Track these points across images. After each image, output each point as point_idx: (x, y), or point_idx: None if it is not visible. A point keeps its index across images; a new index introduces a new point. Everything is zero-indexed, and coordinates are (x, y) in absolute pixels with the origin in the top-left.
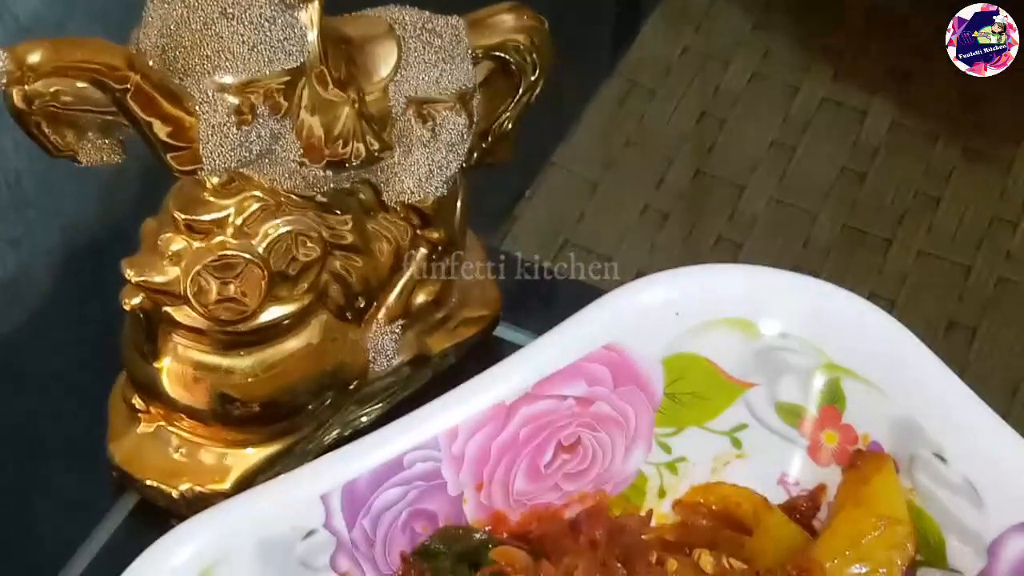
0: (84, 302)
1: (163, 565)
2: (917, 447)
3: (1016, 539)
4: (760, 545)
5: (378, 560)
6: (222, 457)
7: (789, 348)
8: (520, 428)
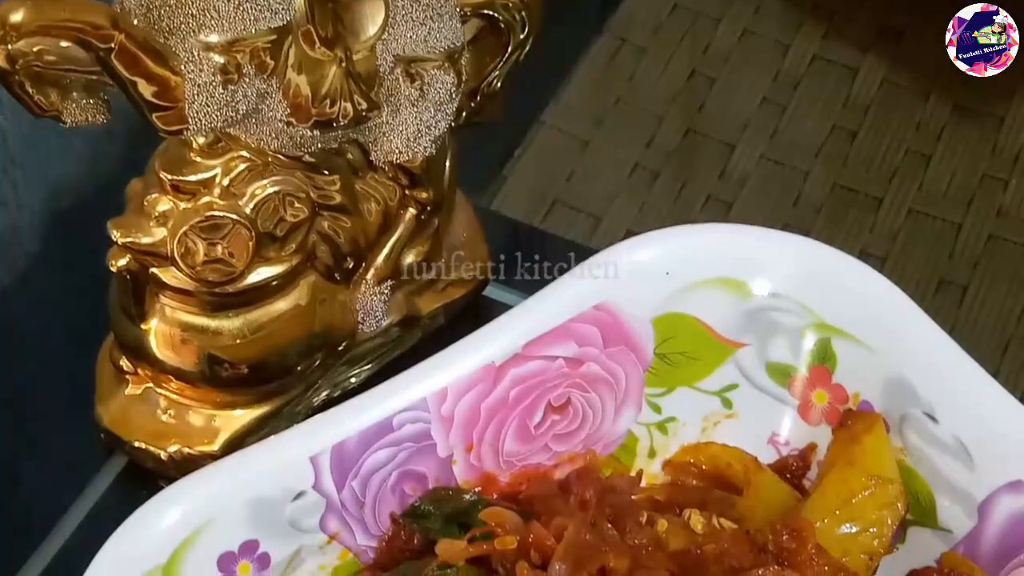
0: (72, 263)
1: (152, 527)
2: (908, 406)
3: (1006, 499)
4: (750, 505)
5: (367, 521)
6: (211, 419)
7: (779, 308)
8: (510, 389)
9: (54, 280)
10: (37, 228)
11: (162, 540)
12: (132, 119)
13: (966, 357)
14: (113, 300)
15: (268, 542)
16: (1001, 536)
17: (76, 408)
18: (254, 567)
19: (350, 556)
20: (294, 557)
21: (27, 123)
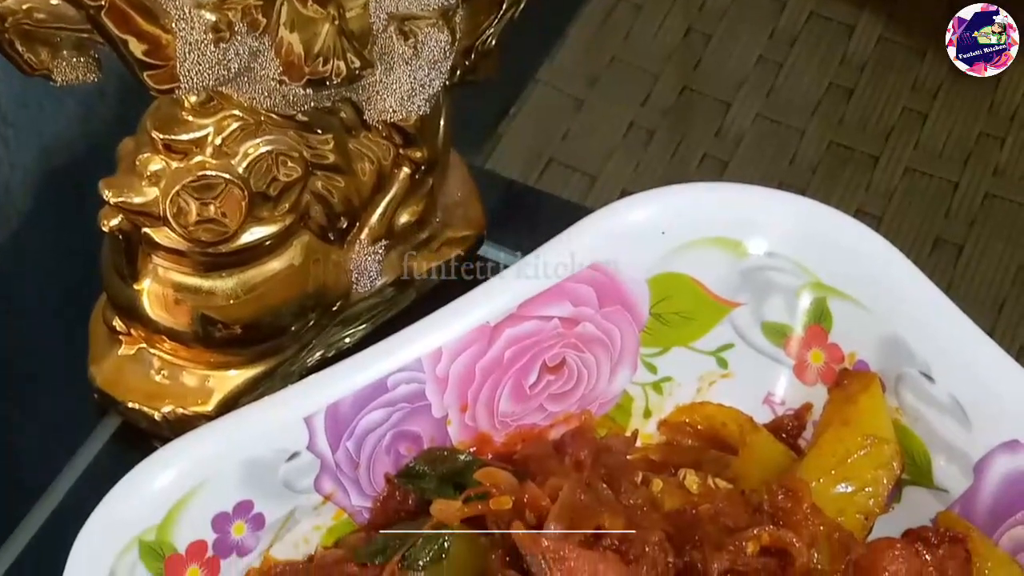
0: (64, 222)
1: (145, 489)
2: (904, 365)
3: (1002, 458)
4: (745, 465)
5: (362, 482)
6: (204, 379)
7: (775, 267)
8: (505, 349)
9: (46, 240)
10: (29, 187)
11: (156, 501)
12: (124, 77)
13: (962, 316)
14: (106, 260)
15: (262, 503)
16: (997, 495)
17: (69, 369)
18: (248, 528)
19: (345, 517)
20: (288, 518)
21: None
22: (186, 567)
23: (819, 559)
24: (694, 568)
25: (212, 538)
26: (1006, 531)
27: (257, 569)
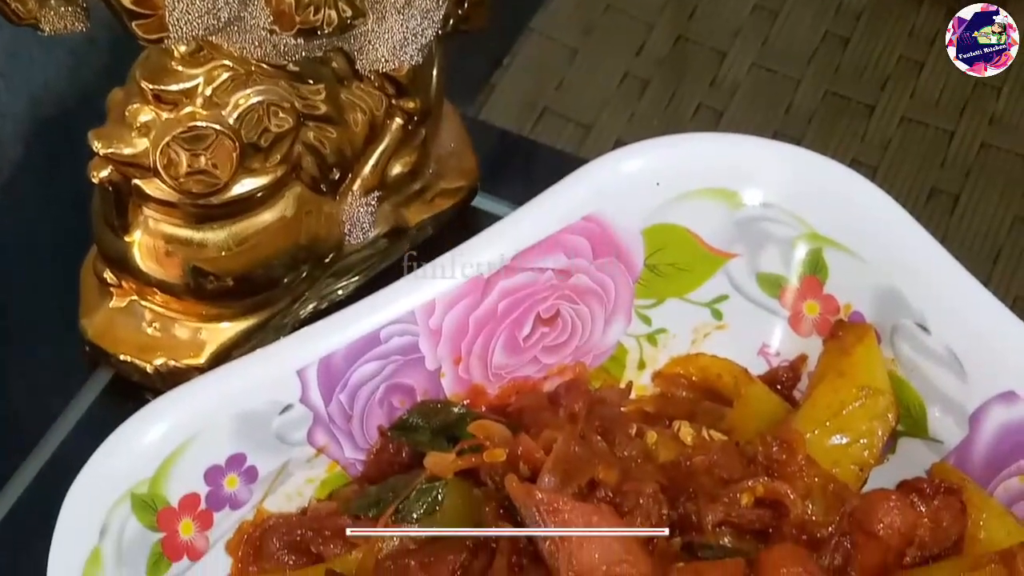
0: (55, 173)
1: (137, 441)
2: (899, 317)
3: (998, 409)
4: (740, 416)
5: (355, 434)
6: (196, 332)
7: (771, 218)
8: (498, 301)
9: (37, 190)
10: (20, 138)
11: (148, 454)
12: (115, 27)
13: (958, 267)
14: (96, 212)
15: (255, 456)
16: (992, 447)
17: (61, 321)
18: (241, 480)
19: (338, 469)
20: (281, 470)
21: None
22: (179, 520)
23: (813, 511)
24: (688, 520)
25: (205, 491)
26: (1001, 482)
27: (250, 522)
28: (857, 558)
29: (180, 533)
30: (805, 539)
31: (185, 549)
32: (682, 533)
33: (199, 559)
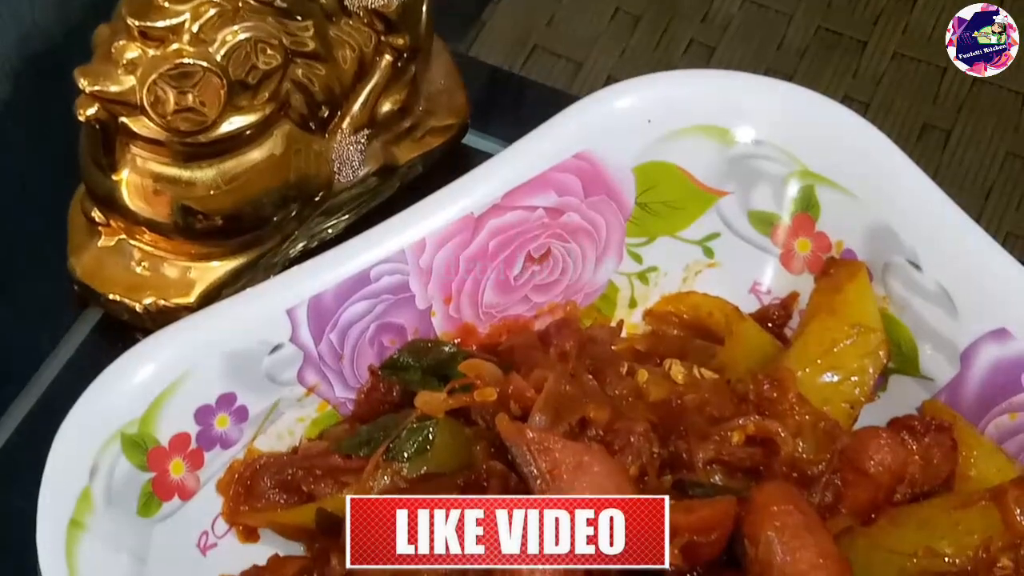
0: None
1: (127, 381)
2: (891, 254)
3: (989, 346)
4: (731, 354)
5: (346, 374)
6: (186, 271)
7: (763, 155)
8: (489, 240)
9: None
10: (7, 75)
11: (137, 394)
12: None
13: (951, 204)
14: (83, 150)
15: (245, 395)
16: (983, 384)
17: (49, 260)
18: (232, 420)
19: (329, 408)
20: (272, 410)
21: None
22: (169, 459)
23: (804, 448)
24: (679, 458)
25: (195, 430)
26: (992, 420)
27: (241, 461)
28: (847, 495)
29: (171, 473)
30: (796, 477)
31: (176, 488)
32: (673, 471)
33: (190, 498)
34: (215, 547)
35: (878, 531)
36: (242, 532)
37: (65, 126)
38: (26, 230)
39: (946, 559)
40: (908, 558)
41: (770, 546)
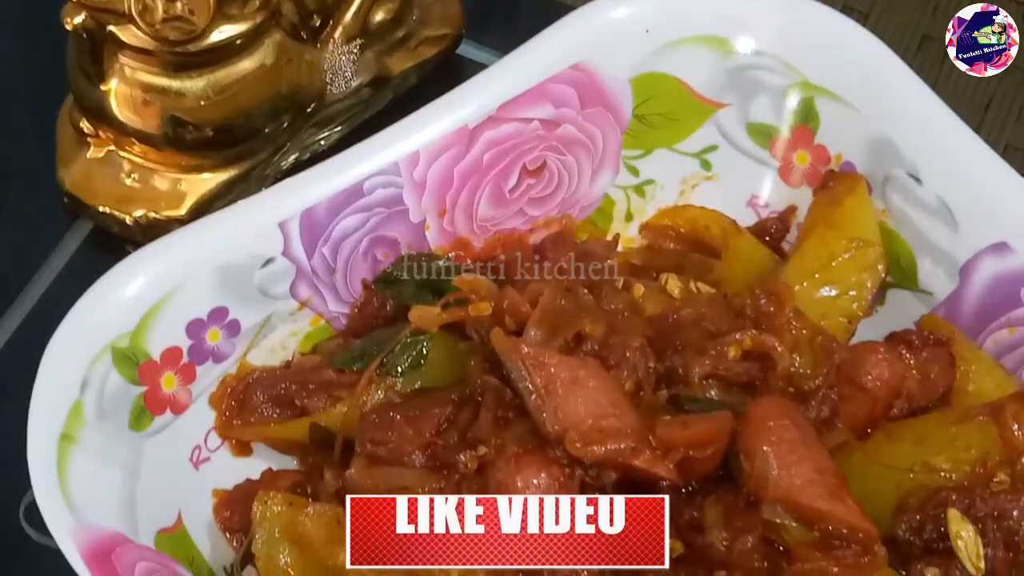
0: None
1: (117, 295)
2: (891, 167)
3: (989, 260)
4: (728, 268)
5: (339, 288)
6: (176, 183)
7: (762, 66)
8: (484, 152)
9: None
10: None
11: (128, 308)
12: None
13: (952, 116)
14: (71, 60)
15: (237, 309)
16: (982, 298)
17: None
18: (224, 334)
19: (322, 323)
20: (264, 324)
21: None
22: (161, 373)
23: (801, 363)
24: (675, 373)
25: (187, 344)
26: (990, 334)
27: (234, 375)
28: (844, 410)
29: (162, 387)
30: (792, 392)
31: (168, 402)
32: (668, 386)
33: (182, 412)
34: (208, 461)
35: (874, 446)
36: (235, 446)
37: (53, 36)
38: (13, 141)
39: (943, 474)
40: (904, 473)
41: (766, 461)
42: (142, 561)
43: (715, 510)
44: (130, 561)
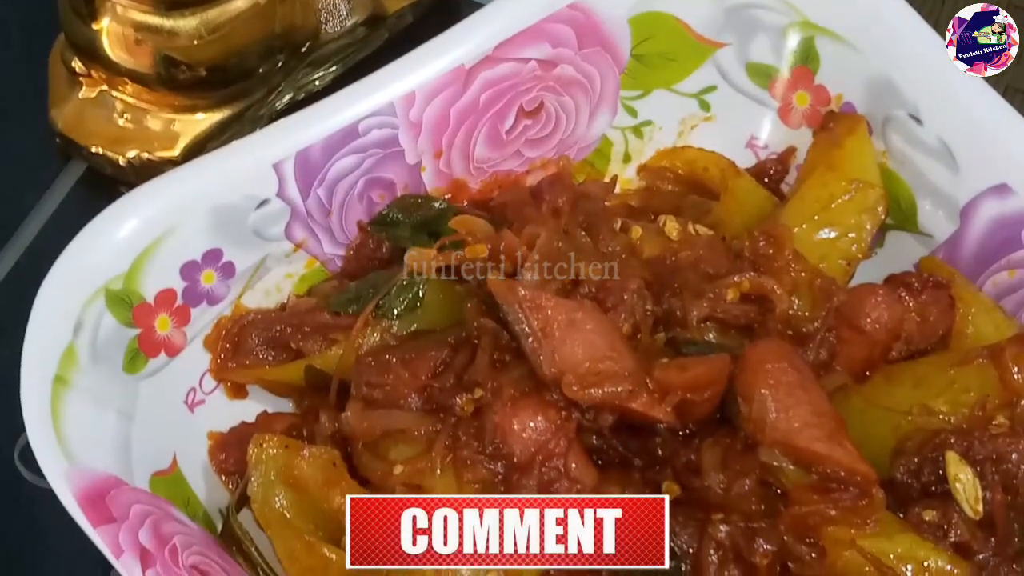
0: None
1: (110, 236)
2: (892, 107)
3: (989, 202)
4: (727, 210)
5: (334, 230)
6: (170, 123)
7: (762, 5)
8: (480, 93)
9: None
10: None
11: (122, 250)
12: None
13: None
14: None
15: (232, 251)
16: (983, 240)
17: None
18: (218, 276)
19: (317, 265)
20: (259, 266)
21: None
22: (155, 316)
23: (799, 306)
24: (673, 315)
25: (181, 286)
26: (990, 276)
27: (228, 317)
28: (842, 353)
29: (157, 329)
30: (790, 334)
31: (162, 345)
32: (666, 329)
33: (177, 355)
34: (203, 404)
35: (873, 389)
36: (230, 389)
37: None
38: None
39: (941, 417)
40: (903, 416)
41: (763, 404)
42: (137, 504)
43: (712, 453)
44: (125, 504)
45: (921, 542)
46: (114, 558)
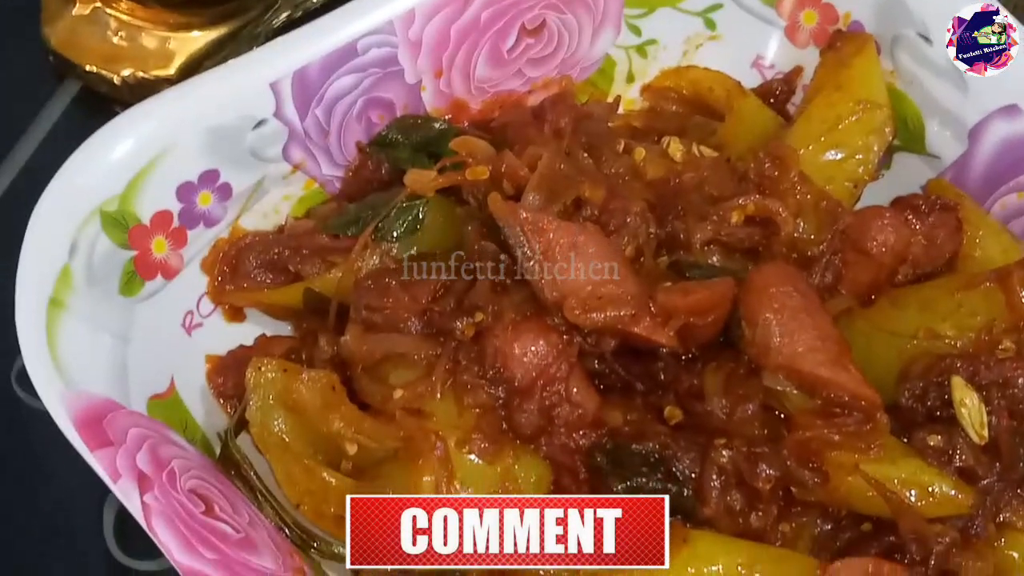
0: None
1: (105, 157)
2: (901, 26)
3: (998, 123)
4: (732, 131)
5: (332, 150)
6: (165, 41)
7: None
8: (481, 10)
9: None
10: None
11: (116, 170)
12: None
13: None
14: None
15: (229, 172)
16: (991, 162)
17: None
18: (215, 197)
19: (315, 186)
20: (257, 187)
21: None
22: (151, 238)
23: (805, 228)
24: (676, 238)
25: (177, 208)
26: (998, 199)
27: (226, 239)
28: (848, 276)
29: (153, 251)
30: (795, 258)
31: (159, 267)
32: (670, 252)
33: (174, 277)
34: (200, 327)
35: (878, 313)
36: (228, 312)
37: None
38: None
39: (947, 341)
40: (908, 340)
41: (768, 328)
42: (134, 427)
43: (715, 377)
44: (122, 427)
45: (925, 467)
46: (112, 482)
